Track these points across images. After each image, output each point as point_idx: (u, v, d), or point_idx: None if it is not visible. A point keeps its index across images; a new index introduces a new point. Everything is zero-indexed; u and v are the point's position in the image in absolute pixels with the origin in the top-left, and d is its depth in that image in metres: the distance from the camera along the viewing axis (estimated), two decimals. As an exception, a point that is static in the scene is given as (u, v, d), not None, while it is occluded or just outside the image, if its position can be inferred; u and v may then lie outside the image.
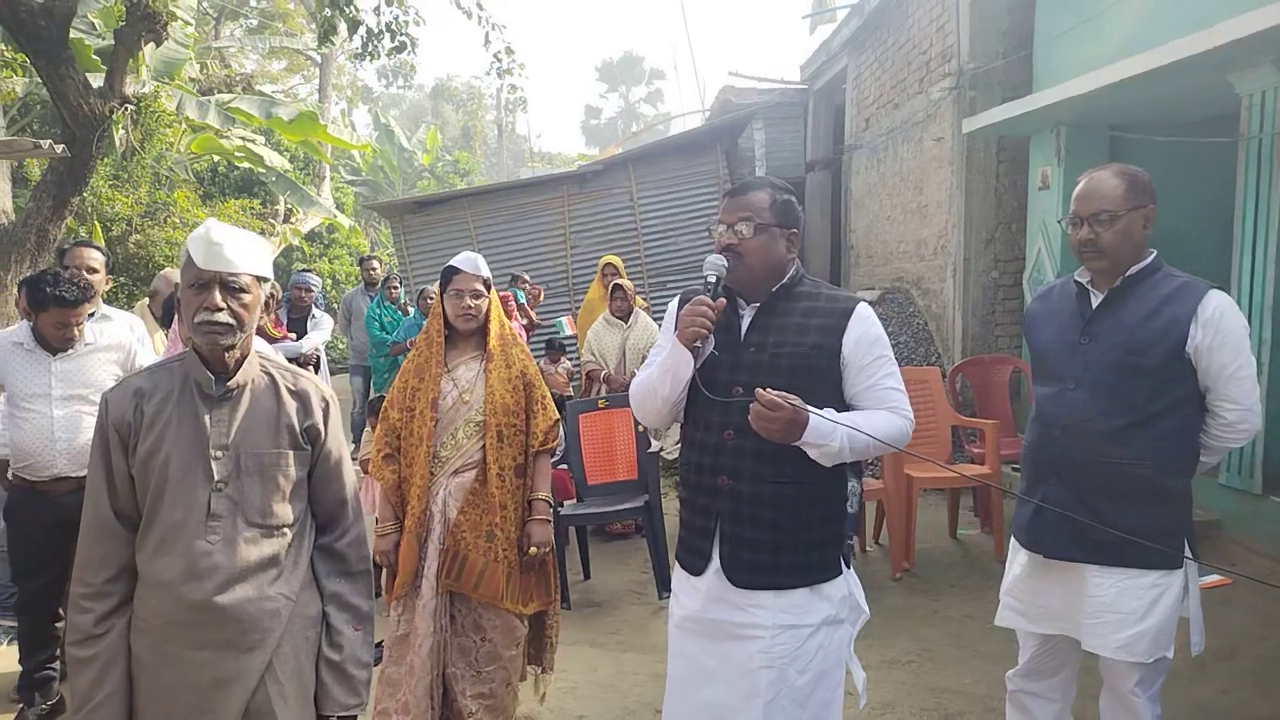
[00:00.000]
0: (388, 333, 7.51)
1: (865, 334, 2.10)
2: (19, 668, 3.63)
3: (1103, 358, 2.31)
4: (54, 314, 3.30)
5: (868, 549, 5.27)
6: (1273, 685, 3.49)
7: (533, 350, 8.64)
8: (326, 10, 7.10)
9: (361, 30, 7.28)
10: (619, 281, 6.54)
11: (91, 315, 3.55)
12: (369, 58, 7.59)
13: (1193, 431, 2.32)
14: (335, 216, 16.05)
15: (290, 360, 4.77)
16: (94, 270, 3.86)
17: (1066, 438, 2.35)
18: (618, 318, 6.38)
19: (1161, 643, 2.28)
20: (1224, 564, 4.48)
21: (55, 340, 3.38)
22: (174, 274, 4.27)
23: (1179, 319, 2.23)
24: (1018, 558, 2.52)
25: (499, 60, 7.91)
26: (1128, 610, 2.27)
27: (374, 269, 8.62)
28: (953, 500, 5.58)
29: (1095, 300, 2.37)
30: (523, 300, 7.56)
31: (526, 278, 8.24)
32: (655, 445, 5.09)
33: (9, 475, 3.50)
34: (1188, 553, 2.29)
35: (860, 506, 5.00)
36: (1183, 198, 5.78)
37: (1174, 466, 2.29)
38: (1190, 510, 2.36)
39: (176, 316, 2.87)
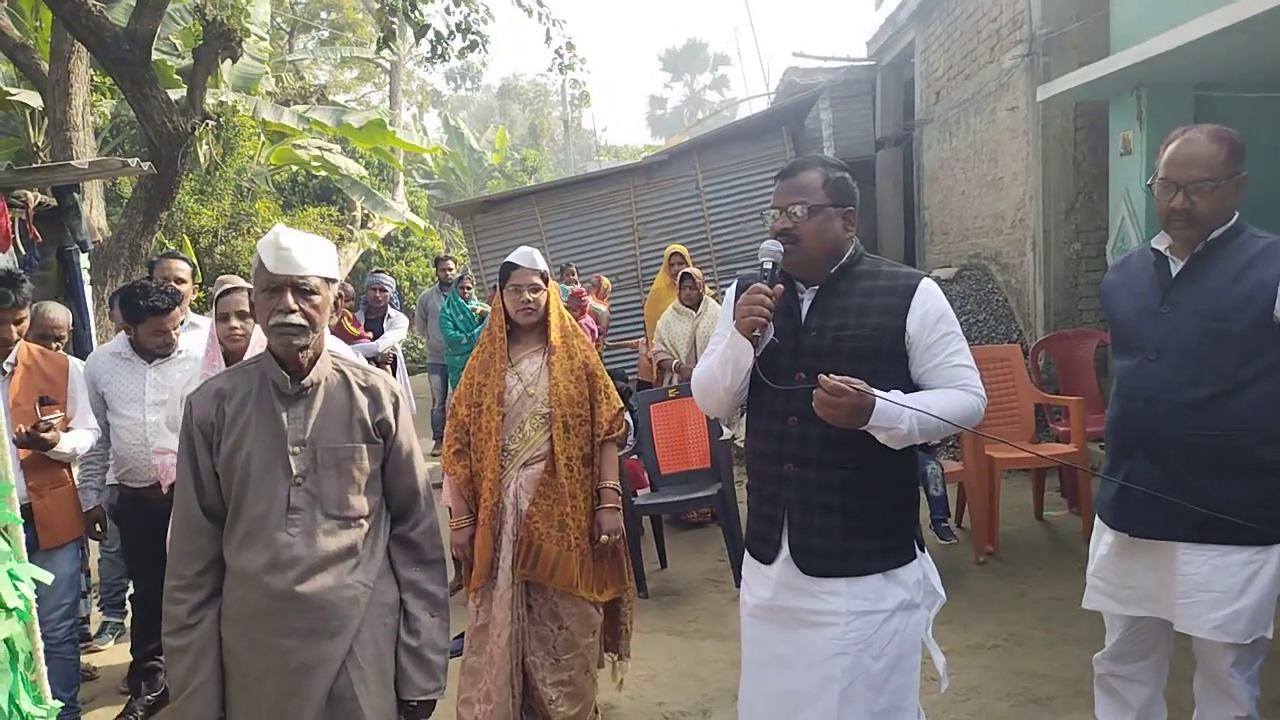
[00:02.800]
0: (461, 331, 7.64)
1: (930, 311, 2.04)
2: (127, 663, 3.84)
3: (1185, 325, 2.21)
4: (150, 323, 3.53)
5: (955, 540, 5.12)
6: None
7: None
8: (389, 17, 7.26)
9: (430, 34, 7.43)
10: (688, 270, 6.52)
11: (182, 323, 3.72)
12: (439, 60, 7.73)
13: (1286, 399, 2.20)
14: (409, 220, 16.41)
15: (368, 359, 4.93)
16: (181, 280, 4.04)
17: (1150, 411, 2.26)
18: (687, 306, 6.37)
19: (1260, 622, 2.18)
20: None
21: (155, 346, 3.59)
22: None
23: (1266, 281, 2.12)
24: (1104, 538, 2.43)
25: (560, 56, 7.97)
26: (1223, 588, 2.18)
27: (449, 269, 8.79)
28: (1037, 481, 5.43)
29: (1175, 268, 2.27)
30: (567, 291, 7.52)
31: (575, 272, 8.18)
32: (728, 433, 5.07)
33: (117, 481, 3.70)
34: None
35: (944, 489, 4.96)
36: (1273, 156, 5.48)
37: (1267, 436, 2.17)
38: (1289, 482, 2.24)
39: (212, 320, 3.03)
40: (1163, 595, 2.29)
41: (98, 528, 3.60)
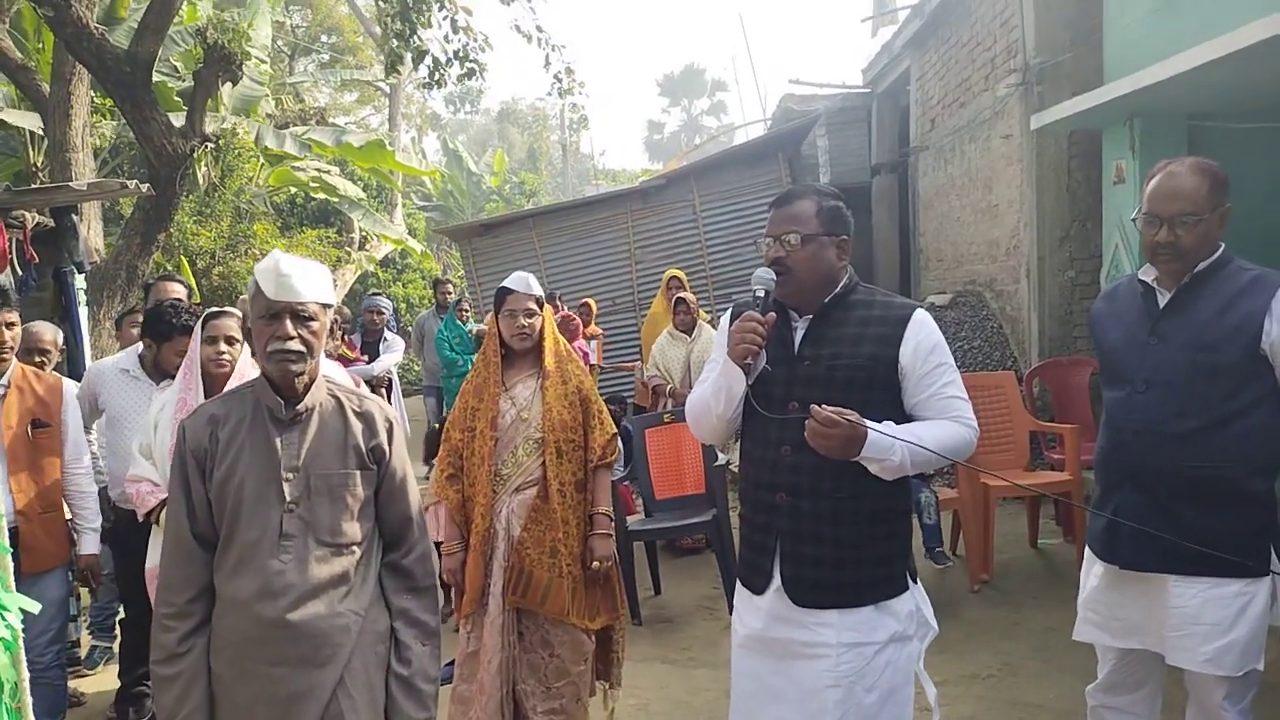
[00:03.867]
0: (457, 353, 7.64)
1: (923, 341, 2.05)
2: (115, 687, 3.81)
3: (1173, 358, 2.22)
4: (178, 342, 3.37)
5: (951, 563, 5.10)
6: (1384, 698, 3.29)
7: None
8: (393, 42, 7.32)
9: (428, 60, 7.49)
10: (682, 295, 6.54)
11: None
12: (435, 86, 7.79)
13: (1273, 431, 2.20)
14: (407, 242, 16.46)
15: (364, 382, 4.93)
16: (179, 301, 4.04)
17: (1139, 442, 2.26)
18: (681, 331, 6.38)
19: (1251, 654, 2.18)
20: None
21: (174, 367, 3.43)
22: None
23: (1253, 313, 2.13)
24: (1094, 569, 2.43)
25: (559, 81, 8.04)
26: (1213, 621, 2.17)
27: (448, 292, 8.79)
28: (1032, 509, 5.42)
29: (1162, 299, 2.28)
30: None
31: (562, 301, 8.19)
32: (723, 458, 5.07)
33: (112, 502, 3.67)
34: (1274, 558, 2.18)
35: (937, 517, 4.96)
36: (1266, 186, 5.53)
37: (1256, 467, 2.18)
38: (1276, 512, 2.25)
39: (196, 342, 2.94)
40: (1153, 627, 2.28)
41: (89, 579, 3.44)
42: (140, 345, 3.70)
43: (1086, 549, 2.48)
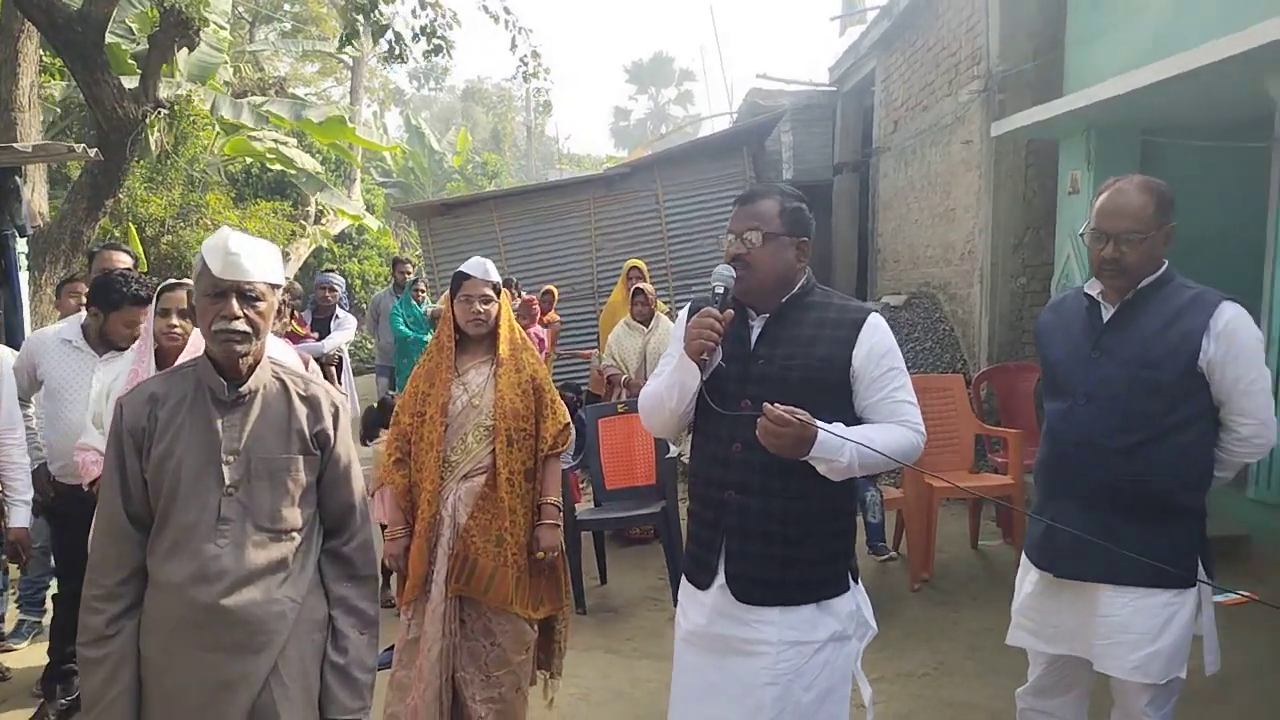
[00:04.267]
0: (411, 330, 7.56)
1: (876, 345, 2.07)
2: (43, 664, 3.71)
3: (1115, 373, 2.27)
4: (127, 313, 3.33)
5: (894, 556, 5.18)
6: (1299, 705, 3.42)
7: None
8: (353, 14, 7.18)
9: (389, 34, 7.36)
10: (640, 286, 6.53)
11: None
12: (397, 60, 7.66)
13: (1207, 447, 2.27)
14: (365, 218, 16.21)
15: (314, 359, 4.84)
16: (128, 271, 3.93)
17: (1079, 455, 2.31)
18: (639, 322, 6.38)
19: (1175, 662, 2.24)
20: (1251, 579, 4.39)
21: (121, 339, 3.40)
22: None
23: (1192, 332, 2.19)
24: (1029, 575, 2.49)
25: (525, 64, 7.96)
26: (1142, 630, 2.23)
27: (406, 271, 8.66)
28: (974, 511, 5.52)
29: (1106, 314, 2.33)
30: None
31: (519, 287, 8.13)
32: (674, 450, 5.08)
33: (51, 476, 3.56)
34: (1201, 571, 2.24)
35: (882, 515, 5.02)
36: (1216, 203, 5.68)
37: (1189, 483, 2.25)
38: (1205, 527, 2.32)
39: (150, 315, 2.90)
40: (1084, 635, 2.34)
41: (19, 552, 3.35)
42: (83, 314, 3.59)
43: (1023, 555, 2.54)
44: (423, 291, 8.10)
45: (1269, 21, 4.01)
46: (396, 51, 7.23)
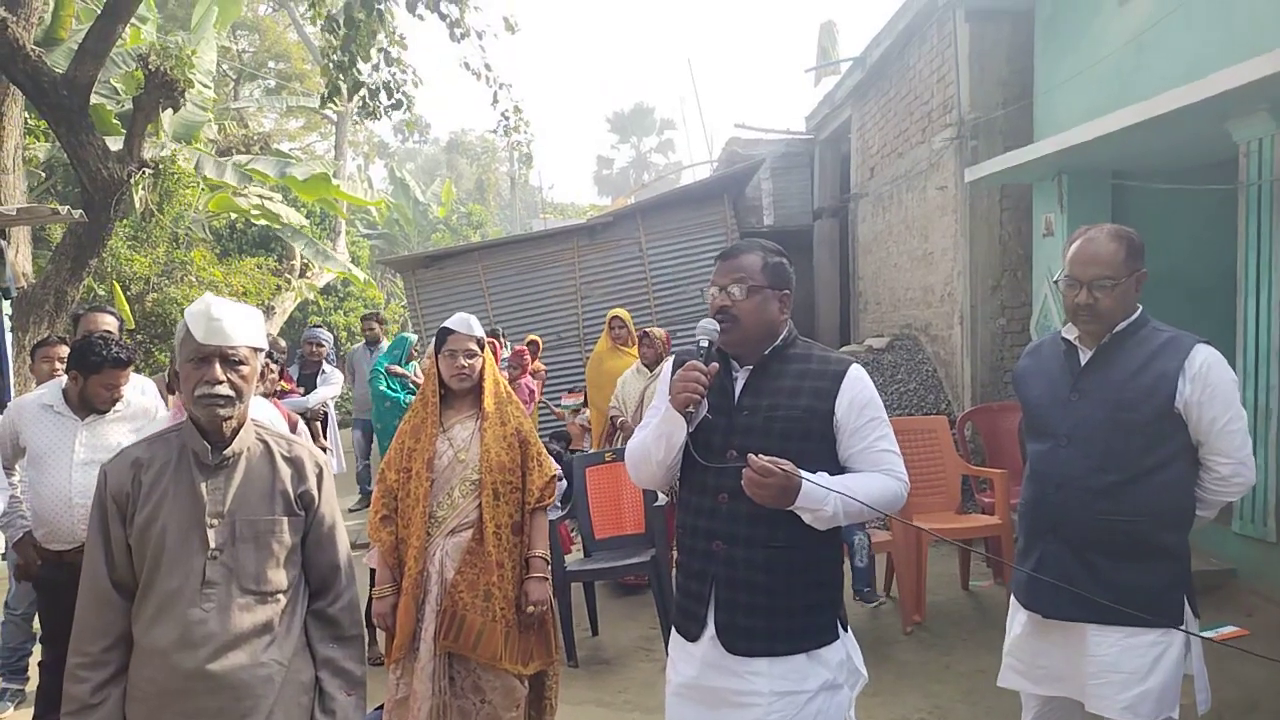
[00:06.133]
0: (391, 390, 7.41)
1: (857, 397, 2.10)
2: (24, 732, 3.64)
3: (1093, 414, 2.31)
4: (107, 375, 3.36)
5: (884, 600, 5.16)
6: (1293, 741, 3.41)
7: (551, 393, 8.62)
8: (333, 72, 7.29)
9: (363, 91, 7.46)
10: (647, 330, 6.44)
11: None
12: (371, 117, 7.76)
13: (1187, 486, 2.31)
14: (350, 271, 16.27)
15: (299, 414, 4.84)
16: (108, 334, 3.93)
17: (1061, 495, 2.34)
18: (647, 366, 6.28)
19: (1166, 702, 2.25)
20: (1240, 615, 4.40)
21: (102, 402, 3.42)
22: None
23: (1167, 374, 2.24)
24: (1018, 617, 2.50)
25: (506, 119, 8.08)
26: (1130, 670, 2.24)
27: (373, 328, 8.57)
28: (963, 552, 5.52)
29: (1084, 357, 2.38)
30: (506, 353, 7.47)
31: (504, 337, 8.09)
32: (662, 499, 5.08)
33: (36, 543, 3.51)
34: (1187, 610, 2.26)
35: (870, 559, 5.01)
36: (1185, 243, 5.80)
37: (1170, 521, 2.28)
38: (1188, 565, 2.34)
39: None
40: (1074, 675, 2.34)
41: None
42: (63, 379, 3.58)
43: (1012, 597, 2.55)
44: (415, 357, 7.90)
45: (1228, 70, 4.14)
46: (371, 107, 7.33)
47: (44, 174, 11.97)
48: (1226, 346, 2.32)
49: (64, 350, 3.89)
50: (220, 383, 1.91)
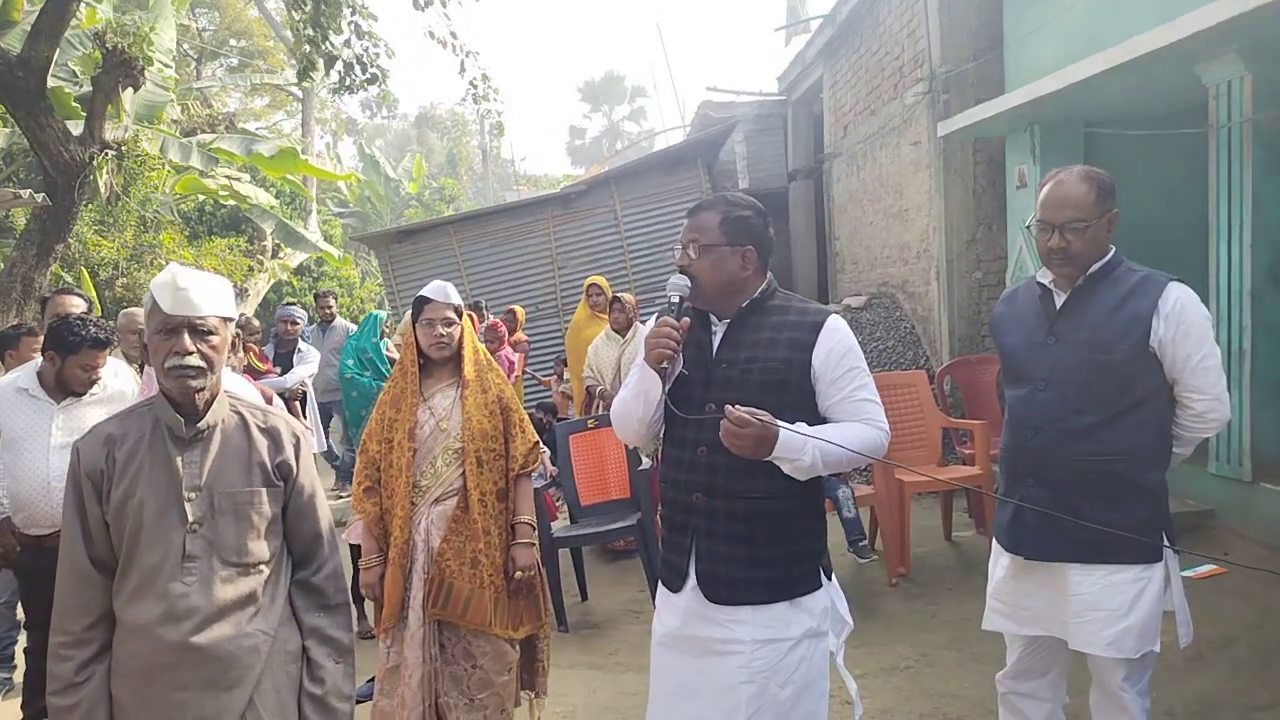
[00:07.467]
0: (359, 374, 7.28)
1: (836, 346, 2.09)
2: (17, 719, 3.62)
3: (1069, 357, 2.32)
4: (85, 356, 3.30)
5: (876, 557, 5.20)
6: (1271, 673, 3.49)
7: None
8: (306, 47, 7.15)
9: (338, 65, 7.34)
10: (619, 296, 6.43)
11: None
12: (347, 91, 7.64)
13: (1164, 424, 2.33)
14: (323, 249, 16.08)
15: (277, 395, 4.79)
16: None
17: (1040, 438, 2.36)
18: (617, 331, 6.28)
19: (1147, 637, 2.28)
20: (1218, 553, 4.48)
21: (79, 384, 3.36)
22: (136, 312, 4.26)
23: (1141, 313, 2.25)
24: (1000, 560, 2.53)
25: (475, 87, 7.97)
26: (1112, 607, 2.27)
27: (328, 305, 8.24)
28: (946, 503, 5.58)
29: (1059, 300, 2.38)
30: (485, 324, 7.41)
31: (486, 309, 8.01)
32: (646, 463, 5.09)
33: (15, 529, 3.47)
34: (1166, 544, 2.29)
35: (856, 510, 5.06)
36: (1158, 188, 5.82)
37: (1147, 460, 2.30)
38: (1167, 502, 2.37)
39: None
40: (1057, 615, 2.38)
41: None
42: (38, 361, 3.52)
43: (994, 541, 2.58)
44: (388, 330, 7.81)
45: (1197, 11, 4.14)
46: (347, 82, 7.22)
47: (3, 163, 11.71)
48: (1200, 291, 2.33)
49: (36, 342, 3.82)
50: (190, 353, 1.88)
